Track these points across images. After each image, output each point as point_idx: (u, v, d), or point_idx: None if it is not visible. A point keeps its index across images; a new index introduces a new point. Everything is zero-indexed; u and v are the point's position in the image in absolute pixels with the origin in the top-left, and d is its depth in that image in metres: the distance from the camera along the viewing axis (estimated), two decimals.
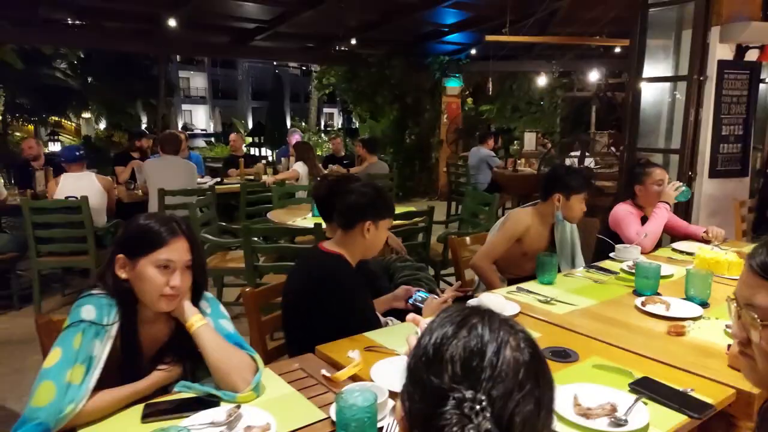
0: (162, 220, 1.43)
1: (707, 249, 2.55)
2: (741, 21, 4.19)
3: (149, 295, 1.38)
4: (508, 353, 0.63)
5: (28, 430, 1.19)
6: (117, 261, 1.41)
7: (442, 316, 0.70)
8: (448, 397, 0.61)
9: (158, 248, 1.37)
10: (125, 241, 1.43)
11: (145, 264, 1.37)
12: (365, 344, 1.66)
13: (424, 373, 0.64)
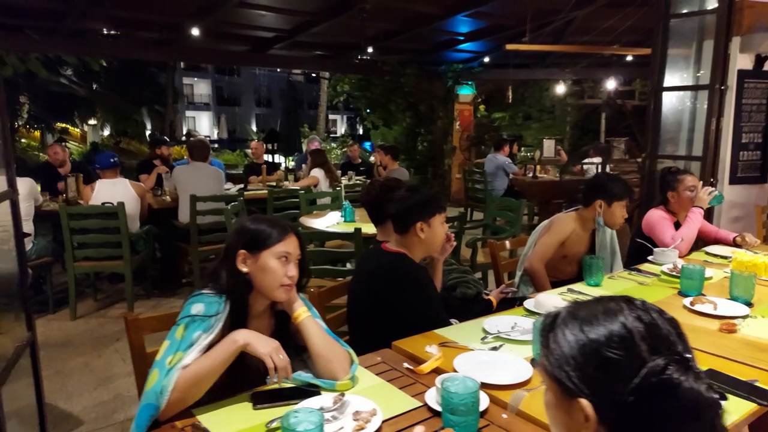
0: (274, 220, 1.59)
1: (742, 252, 2.65)
2: (760, 32, 4.30)
3: (270, 284, 1.52)
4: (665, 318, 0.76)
5: (141, 412, 1.31)
6: (239, 256, 1.54)
7: (586, 314, 0.80)
8: (659, 365, 0.71)
9: (278, 242, 1.52)
10: (246, 239, 1.55)
11: (267, 256, 1.51)
12: (438, 340, 1.77)
13: (625, 355, 0.74)
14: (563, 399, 0.80)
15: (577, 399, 0.77)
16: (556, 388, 0.81)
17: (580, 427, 0.78)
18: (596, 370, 0.76)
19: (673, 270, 2.53)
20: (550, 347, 0.82)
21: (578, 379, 0.77)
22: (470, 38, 8.54)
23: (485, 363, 1.54)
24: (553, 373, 0.81)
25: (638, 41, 8.04)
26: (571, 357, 0.78)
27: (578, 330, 0.79)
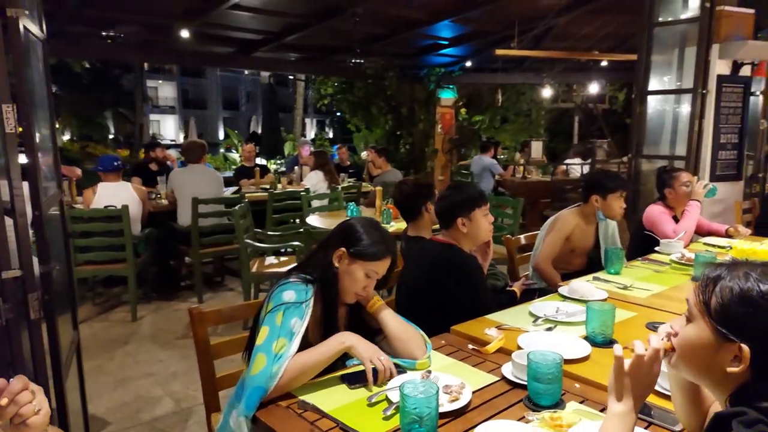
0: (383, 238, 1.69)
1: (741, 242, 2.90)
2: (736, 39, 4.62)
3: (348, 289, 1.66)
4: None
5: (251, 394, 1.41)
6: (338, 252, 1.66)
7: (746, 272, 0.94)
8: None
9: (374, 261, 1.65)
10: (352, 241, 1.66)
11: (359, 267, 1.64)
12: (490, 324, 1.92)
13: None
14: (715, 340, 0.93)
15: (735, 343, 0.90)
16: (711, 330, 0.94)
17: (723, 366, 0.92)
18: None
19: (682, 258, 2.74)
20: (719, 294, 0.94)
21: (750, 325, 0.90)
22: (454, 43, 8.76)
23: (546, 342, 1.69)
24: (718, 317, 0.93)
25: (612, 47, 8.43)
26: (746, 303, 0.91)
27: (755, 282, 0.91)
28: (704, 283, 0.98)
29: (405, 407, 1.22)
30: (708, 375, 0.98)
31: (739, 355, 0.91)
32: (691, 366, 1.00)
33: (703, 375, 0.99)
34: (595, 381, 1.51)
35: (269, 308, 1.55)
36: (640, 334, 1.86)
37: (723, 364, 0.93)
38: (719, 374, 0.94)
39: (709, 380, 0.99)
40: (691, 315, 1.00)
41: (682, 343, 1.01)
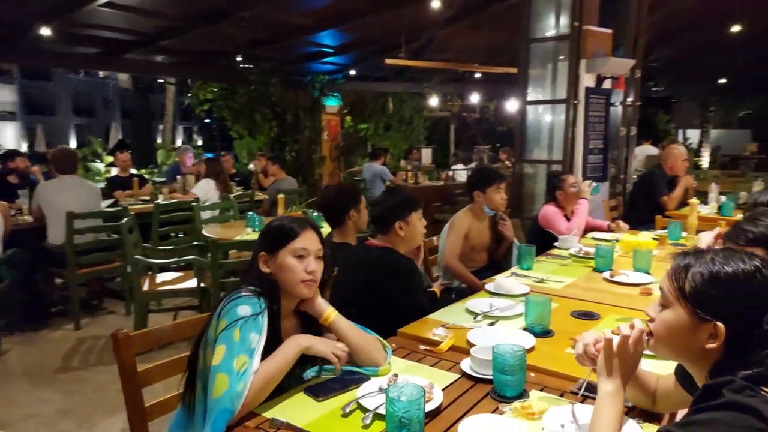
0: (291, 218, 1.64)
1: (626, 235, 3.25)
2: (599, 56, 5.19)
3: (290, 281, 1.56)
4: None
5: (218, 418, 1.30)
6: (260, 258, 1.57)
7: (712, 257, 1.04)
8: None
9: (294, 239, 1.57)
10: (265, 240, 1.59)
11: (284, 254, 1.56)
12: (434, 324, 1.96)
13: (764, 290, 0.99)
14: (692, 321, 1.04)
15: (711, 322, 1.01)
16: (688, 312, 1.04)
17: (701, 344, 1.03)
18: (744, 299, 1.00)
19: (580, 252, 3.01)
20: (691, 278, 1.04)
21: (723, 305, 1.01)
22: (339, 51, 8.83)
23: (493, 336, 1.77)
24: (693, 299, 1.03)
25: (487, 60, 9.04)
26: (716, 285, 1.01)
27: (721, 265, 1.02)
28: (676, 271, 1.08)
29: (393, 411, 1.20)
30: (687, 354, 1.08)
31: (714, 333, 1.02)
32: (671, 347, 1.10)
33: (682, 354, 1.10)
34: (546, 368, 1.60)
35: (222, 326, 1.44)
36: (568, 322, 2.01)
37: (701, 342, 1.04)
38: (697, 352, 1.05)
39: (688, 358, 1.10)
40: (667, 301, 1.10)
41: (661, 326, 1.10)
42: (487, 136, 12.86)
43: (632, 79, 5.63)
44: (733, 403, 0.91)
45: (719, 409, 0.91)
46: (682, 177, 4.84)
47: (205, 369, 1.47)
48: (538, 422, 1.30)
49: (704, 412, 0.93)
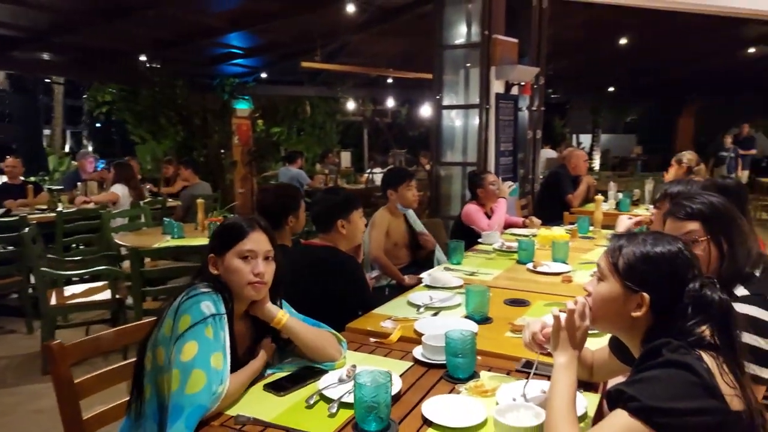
0: (241, 218, 1.61)
1: (543, 230, 3.49)
2: (507, 63, 5.51)
3: (237, 284, 1.51)
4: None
5: (193, 413, 1.27)
6: (209, 261, 1.53)
7: (643, 239, 1.18)
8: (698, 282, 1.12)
9: (240, 240, 1.52)
10: (213, 242, 1.56)
11: (231, 257, 1.52)
12: (383, 317, 2.01)
13: (685, 268, 1.13)
14: (623, 292, 1.17)
15: (639, 293, 1.14)
16: (620, 285, 1.17)
17: (631, 311, 1.16)
18: (667, 274, 1.14)
19: (503, 246, 3.20)
20: (624, 256, 1.18)
21: (649, 278, 1.14)
22: (250, 53, 8.65)
23: (439, 325, 1.84)
24: (624, 274, 1.17)
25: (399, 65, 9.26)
26: (645, 262, 1.15)
27: (651, 246, 1.16)
28: (612, 250, 1.22)
29: (361, 397, 1.23)
30: (618, 322, 1.21)
31: (641, 303, 1.16)
32: (605, 317, 1.23)
33: (615, 322, 1.23)
34: (491, 351, 1.71)
35: (187, 322, 1.39)
36: (503, 309, 2.14)
37: (629, 310, 1.17)
38: (627, 320, 1.19)
39: (620, 327, 1.23)
40: (603, 275, 1.23)
41: (597, 298, 1.23)
42: (400, 140, 13.13)
43: (537, 86, 6.03)
44: (671, 360, 1.04)
45: (659, 367, 1.04)
46: (584, 176, 5.25)
47: (156, 369, 1.42)
48: (492, 398, 1.39)
49: (647, 370, 1.05)
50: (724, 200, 1.60)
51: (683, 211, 1.60)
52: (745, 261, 1.54)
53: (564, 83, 12.81)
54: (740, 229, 1.57)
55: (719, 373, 1.02)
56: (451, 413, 1.30)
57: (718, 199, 1.58)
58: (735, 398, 1.01)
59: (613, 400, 1.06)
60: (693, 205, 1.56)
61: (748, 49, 9.56)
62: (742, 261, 1.53)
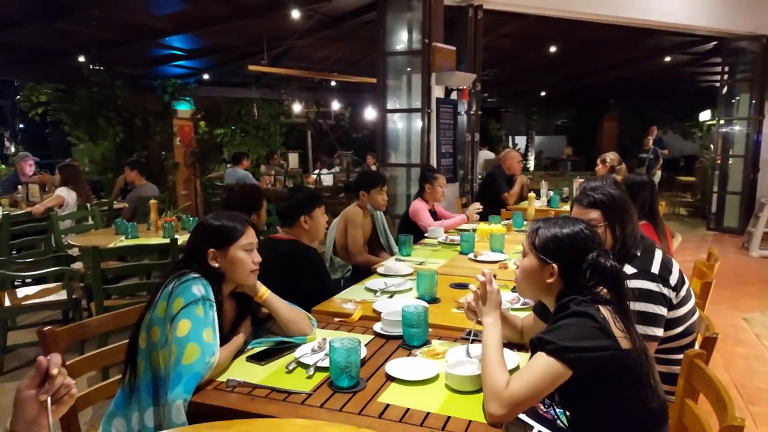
0: (233, 215, 1.82)
1: (482, 224, 3.84)
2: (446, 70, 5.87)
3: (243, 272, 1.76)
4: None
5: (190, 380, 1.48)
6: (209, 255, 1.73)
7: (562, 221, 1.50)
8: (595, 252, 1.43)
9: (242, 235, 1.77)
10: (213, 237, 1.75)
11: (236, 250, 1.75)
12: (345, 301, 2.26)
13: (584, 243, 1.44)
14: (539, 264, 1.49)
15: (550, 264, 1.45)
16: (536, 258, 1.49)
17: (545, 279, 1.48)
18: (570, 248, 1.45)
19: (446, 240, 3.52)
20: (539, 236, 1.49)
21: (557, 252, 1.45)
22: (193, 55, 8.65)
23: (394, 305, 2.11)
24: (539, 250, 1.48)
25: (342, 70, 9.50)
26: (554, 240, 1.46)
27: (559, 228, 1.48)
28: (531, 232, 1.55)
29: (335, 359, 1.48)
30: (538, 287, 1.54)
31: (552, 272, 1.48)
32: (528, 284, 1.56)
33: (536, 288, 1.55)
34: (439, 324, 1.99)
35: (180, 303, 1.59)
36: (448, 291, 2.43)
37: (545, 278, 1.49)
38: (544, 286, 1.51)
39: (540, 291, 1.55)
40: (525, 252, 1.56)
41: (521, 269, 1.56)
42: (344, 142, 13.36)
43: (474, 92, 6.43)
44: (577, 311, 1.36)
45: (569, 317, 1.36)
46: (518, 176, 5.68)
47: (151, 346, 1.61)
48: (442, 360, 1.67)
49: (560, 320, 1.37)
50: (621, 193, 1.96)
51: (587, 200, 1.95)
52: (632, 243, 1.90)
53: (498, 88, 13.45)
54: (631, 218, 1.93)
55: (612, 320, 1.34)
56: (410, 371, 1.57)
57: (616, 191, 1.94)
58: (624, 339, 1.33)
59: (534, 346, 1.36)
60: (595, 195, 1.91)
61: (664, 57, 10.46)
62: (630, 243, 1.89)
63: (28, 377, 1.00)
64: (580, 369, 1.30)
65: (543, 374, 1.30)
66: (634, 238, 1.90)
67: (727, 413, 1.27)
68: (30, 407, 0.99)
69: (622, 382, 1.34)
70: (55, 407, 1.00)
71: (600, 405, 1.38)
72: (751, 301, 5.07)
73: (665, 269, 1.85)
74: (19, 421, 1.00)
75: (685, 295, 1.90)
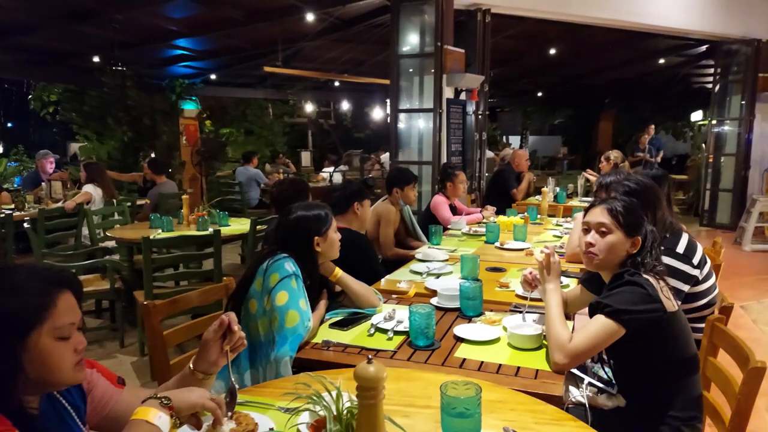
0: (315, 205, 2.08)
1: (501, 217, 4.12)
2: (456, 72, 6.13)
3: (336, 249, 2.06)
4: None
5: (293, 341, 1.73)
6: (315, 242, 1.99)
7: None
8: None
9: (333, 220, 2.07)
10: (317, 225, 2.01)
11: (331, 232, 2.05)
12: (396, 282, 2.51)
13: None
14: (625, 238, 1.69)
15: (636, 237, 1.70)
16: (623, 234, 1.69)
17: (629, 250, 1.69)
18: (644, 222, 1.71)
19: (470, 231, 3.79)
20: (622, 214, 1.70)
21: (639, 226, 1.71)
22: (204, 56, 8.85)
23: (443, 284, 2.36)
24: (626, 227, 1.70)
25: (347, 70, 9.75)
26: (637, 216, 1.71)
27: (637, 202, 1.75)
28: (612, 210, 1.73)
29: (415, 321, 1.74)
30: (620, 259, 1.72)
31: (636, 242, 1.71)
32: (614, 257, 1.72)
33: (618, 260, 1.72)
34: (487, 299, 2.24)
35: (276, 278, 1.83)
36: (486, 274, 2.68)
37: (628, 250, 1.71)
38: (625, 256, 1.71)
39: (619, 263, 1.72)
40: (610, 230, 1.72)
41: (608, 246, 1.72)
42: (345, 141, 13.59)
43: (482, 92, 6.70)
44: (630, 280, 1.62)
45: (624, 285, 1.62)
46: (525, 173, 5.96)
47: (248, 316, 1.85)
48: (499, 325, 1.93)
49: (616, 288, 1.63)
50: (651, 181, 2.23)
51: (622, 189, 2.21)
52: (662, 227, 2.17)
53: (498, 89, 13.76)
54: (661, 203, 2.20)
55: (659, 287, 1.60)
56: (475, 333, 1.83)
57: (647, 180, 2.21)
58: (668, 302, 1.60)
59: (593, 309, 1.62)
60: (630, 184, 2.18)
61: (659, 59, 10.81)
62: (660, 227, 2.16)
63: (212, 330, 1.29)
64: (632, 328, 1.56)
65: (601, 332, 1.56)
66: (664, 222, 2.17)
67: (750, 360, 1.54)
68: (213, 352, 1.28)
69: (664, 339, 1.61)
70: (231, 353, 1.28)
71: (645, 358, 1.64)
72: (747, 291, 5.39)
73: (690, 249, 2.13)
74: (202, 361, 1.28)
75: (708, 273, 2.17)
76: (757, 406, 3.08)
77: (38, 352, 1.00)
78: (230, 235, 4.29)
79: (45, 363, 1.01)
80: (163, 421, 1.07)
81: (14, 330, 0.99)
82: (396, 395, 1.37)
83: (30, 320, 1.00)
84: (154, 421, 1.06)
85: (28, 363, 1.00)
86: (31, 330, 0.99)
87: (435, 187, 5.59)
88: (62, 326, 1.03)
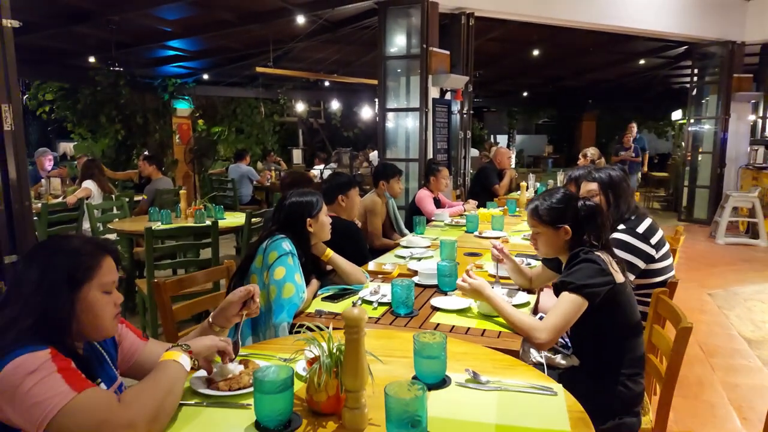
0: (308, 192, 2.33)
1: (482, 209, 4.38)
2: (441, 72, 6.39)
3: (327, 231, 2.30)
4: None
5: (290, 309, 1.98)
6: (308, 223, 2.24)
7: (552, 192, 2.02)
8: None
9: (323, 205, 2.33)
10: (309, 208, 2.25)
11: (323, 216, 2.30)
12: (382, 264, 2.76)
13: (571, 199, 1.98)
14: (552, 228, 1.97)
15: (563, 227, 1.96)
16: (549, 228, 1.97)
17: (564, 239, 1.97)
18: (570, 211, 1.96)
19: (452, 222, 4.05)
20: (540, 213, 1.98)
21: (561, 215, 1.97)
22: (196, 56, 9.04)
23: (424, 266, 2.62)
24: (548, 222, 1.97)
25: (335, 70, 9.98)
26: (554, 209, 1.97)
27: (549, 199, 1.99)
28: (532, 213, 2.02)
29: (397, 292, 1.99)
30: (560, 248, 2.00)
31: (567, 231, 1.98)
32: (552, 249, 2.02)
33: (558, 249, 2.02)
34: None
35: (275, 255, 2.07)
36: (463, 258, 2.95)
37: (563, 239, 1.99)
38: (563, 245, 1.99)
39: (561, 251, 2.01)
40: (536, 231, 2.03)
41: (542, 243, 2.02)
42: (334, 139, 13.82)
43: (467, 92, 6.97)
44: (584, 258, 1.88)
45: (580, 263, 1.88)
46: (507, 170, 6.24)
47: None
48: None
49: (573, 266, 1.89)
50: (619, 174, 2.52)
51: (590, 177, 2.50)
52: (626, 210, 2.45)
53: (482, 89, 14.06)
54: (624, 191, 2.49)
55: (609, 262, 1.87)
56: (449, 303, 2.09)
57: (615, 172, 2.51)
58: (617, 274, 1.86)
59: (557, 288, 1.87)
60: (596, 174, 2.47)
61: (639, 61, 11.16)
62: (623, 209, 2.45)
63: (238, 293, 1.60)
64: (593, 300, 1.82)
65: (570, 306, 1.80)
66: (628, 206, 2.48)
67: (681, 322, 1.81)
68: (232, 311, 1.57)
69: (614, 307, 1.87)
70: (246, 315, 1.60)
71: (597, 324, 1.89)
72: (716, 280, 5.71)
73: (650, 231, 2.43)
74: (220, 317, 1.55)
75: (665, 254, 2.46)
76: (712, 380, 3.39)
77: (88, 302, 1.27)
78: (226, 228, 4.51)
79: (92, 311, 1.28)
80: (185, 361, 1.33)
81: (72, 283, 1.25)
82: (378, 349, 1.62)
83: (83, 276, 1.26)
84: (179, 360, 1.31)
85: (80, 311, 1.25)
86: (83, 283, 1.26)
87: (421, 182, 5.84)
88: (107, 282, 1.30)
